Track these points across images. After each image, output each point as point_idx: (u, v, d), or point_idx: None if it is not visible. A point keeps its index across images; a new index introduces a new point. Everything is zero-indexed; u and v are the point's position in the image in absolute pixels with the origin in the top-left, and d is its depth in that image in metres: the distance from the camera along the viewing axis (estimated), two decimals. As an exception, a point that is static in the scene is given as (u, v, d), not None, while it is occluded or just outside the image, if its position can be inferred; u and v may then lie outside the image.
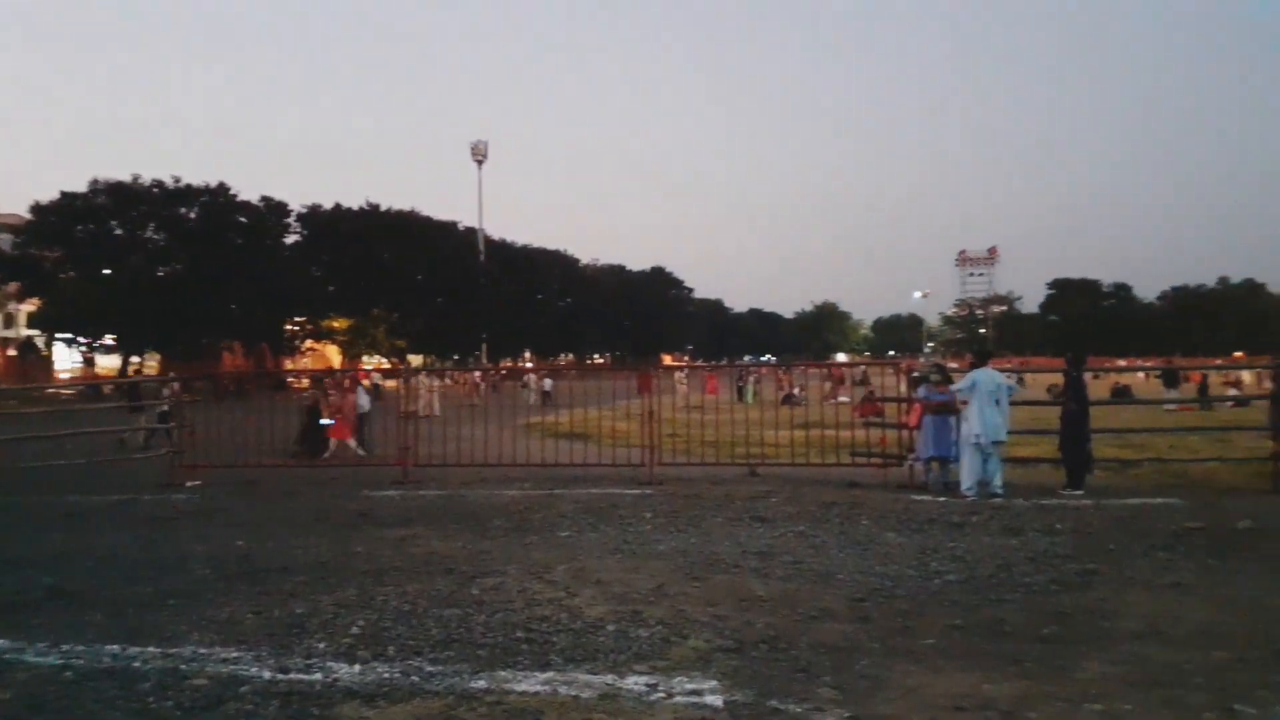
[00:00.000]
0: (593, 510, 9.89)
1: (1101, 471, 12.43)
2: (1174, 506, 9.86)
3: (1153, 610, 5.85)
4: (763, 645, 5.20)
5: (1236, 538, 8.11)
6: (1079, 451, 11.29)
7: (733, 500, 10.40)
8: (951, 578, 6.78)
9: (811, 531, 8.60)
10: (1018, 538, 8.26)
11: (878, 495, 10.86)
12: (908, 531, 8.60)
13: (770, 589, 6.47)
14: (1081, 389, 11.76)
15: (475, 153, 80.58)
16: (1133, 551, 7.64)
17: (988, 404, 10.89)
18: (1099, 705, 4.26)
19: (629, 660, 4.94)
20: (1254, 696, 4.33)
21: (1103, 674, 4.69)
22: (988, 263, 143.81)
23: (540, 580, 6.70)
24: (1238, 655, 4.91)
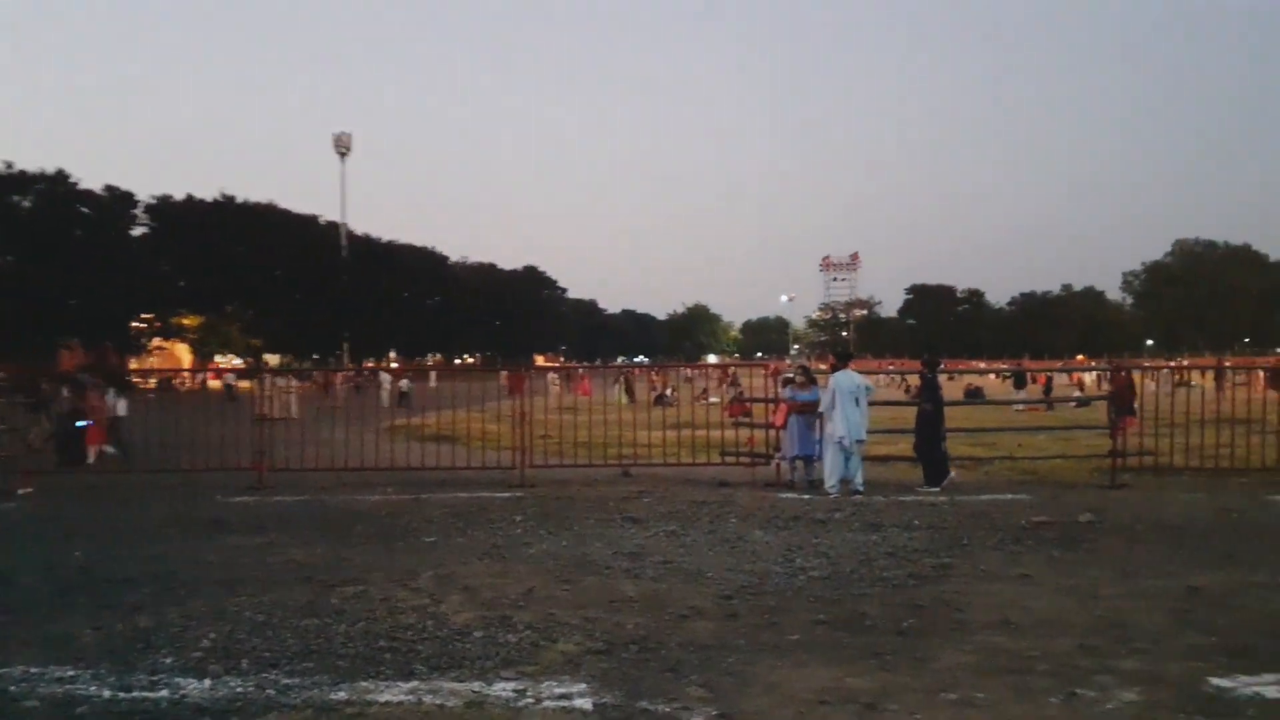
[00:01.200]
0: (461, 514, 9.70)
1: (956, 469, 13.02)
2: (1022, 502, 10.39)
3: (1003, 601, 6.13)
4: (633, 646, 5.18)
5: (1079, 531, 8.60)
6: (935, 450, 11.78)
7: (605, 501, 10.39)
8: (816, 573, 6.94)
9: (682, 531, 8.66)
10: (878, 533, 8.54)
11: (746, 494, 11.05)
12: (774, 529, 8.77)
13: (641, 589, 6.47)
14: (936, 390, 12.28)
15: (338, 145, 78.12)
16: (985, 545, 8.00)
17: (849, 404, 11.24)
18: (954, 694, 4.42)
19: (497, 666, 4.84)
20: (1094, 681, 4.57)
21: (957, 664, 4.88)
22: (850, 268, 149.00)
23: (405, 587, 6.51)
24: (1079, 643, 5.19)
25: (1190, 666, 4.76)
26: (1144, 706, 4.23)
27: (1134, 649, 5.07)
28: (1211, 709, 4.18)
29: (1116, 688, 4.47)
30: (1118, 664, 4.82)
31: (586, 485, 11.72)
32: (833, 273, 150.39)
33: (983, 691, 4.45)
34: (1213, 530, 8.63)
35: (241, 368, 51.15)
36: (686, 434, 14.35)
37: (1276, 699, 4.30)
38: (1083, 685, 4.50)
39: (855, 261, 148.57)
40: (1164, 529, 8.67)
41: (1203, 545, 7.95)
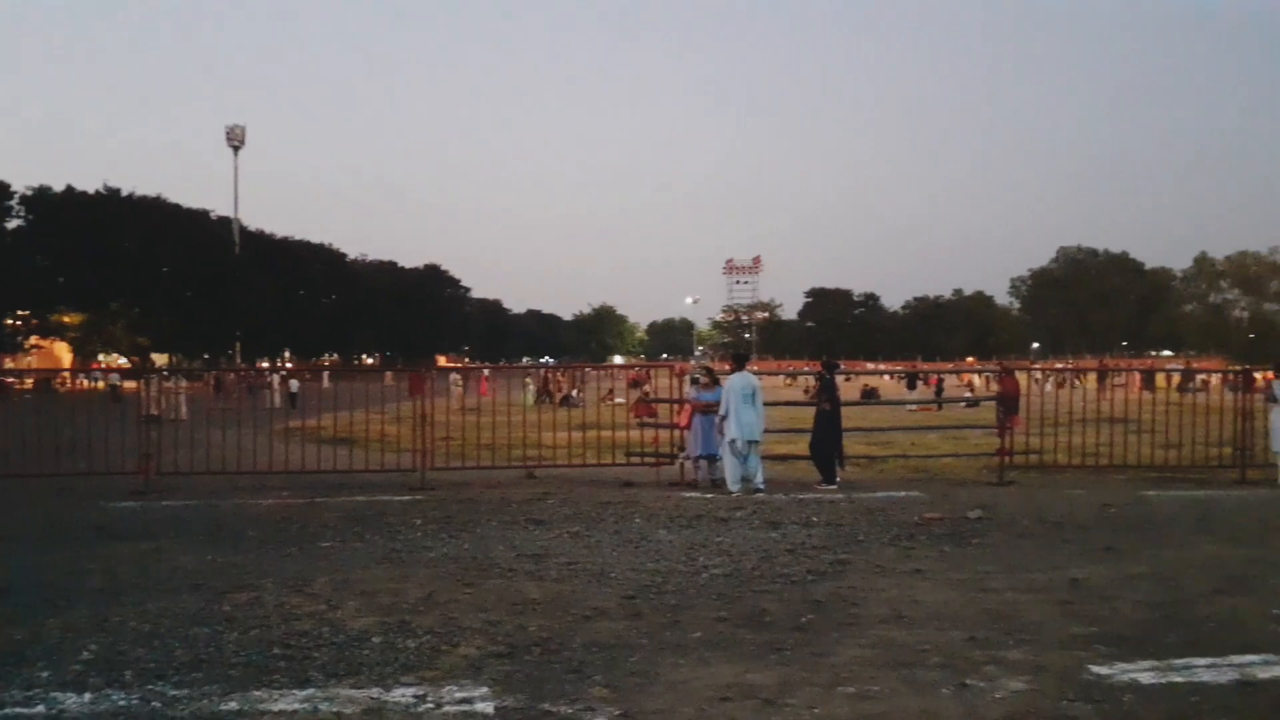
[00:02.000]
0: (358, 518, 9.47)
1: (853, 467, 13.36)
2: (915, 498, 10.72)
3: (897, 595, 6.30)
4: (535, 648, 5.14)
5: (969, 526, 8.91)
6: (832, 449, 12.05)
7: (509, 503, 10.30)
8: (718, 571, 7.01)
9: (586, 532, 8.64)
10: (778, 531, 8.68)
11: (651, 493, 11.11)
12: (678, 528, 8.83)
13: (544, 591, 6.43)
14: (834, 390, 12.56)
15: (231, 137, 75.65)
16: (880, 541, 8.22)
17: (744, 405, 11.42)
18: (851, 688, 4.52)
19: (396, 672, 4.74)
20: (984, 672, 4.74)
21: (854, 657, 4.99)
22: (753, 271, 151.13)
23: (299, 593, 6.31)
24: (969, 635, 5.37)
25: (1072, 656, 4.97)
26: (1029, 695, 4.40)
27: (1020, 640, 5.27)
28: (1091, 696, 4.38)
29: (1004, 677, 4.64)
30: (1005, 654, 5.01)
31: (489, 487, 11.60)
32: (736, 276, 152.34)
33: (878, 684, 4.56)
34: (1093, 525, 9.05)
35: (127, 367, 48.90)
36: (592, 435, 14.34)
37: (1151, 684, 4.53)
38: (972, 676, 4.66)
39: (757, 265, 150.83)
40: (1048, 524, 9.04)
41: (1084, 539, 8.33)
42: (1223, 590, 6.37)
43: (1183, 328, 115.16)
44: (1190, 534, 8.60)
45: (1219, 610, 5.88)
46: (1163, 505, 10.45)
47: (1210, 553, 7.73)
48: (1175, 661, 4.85)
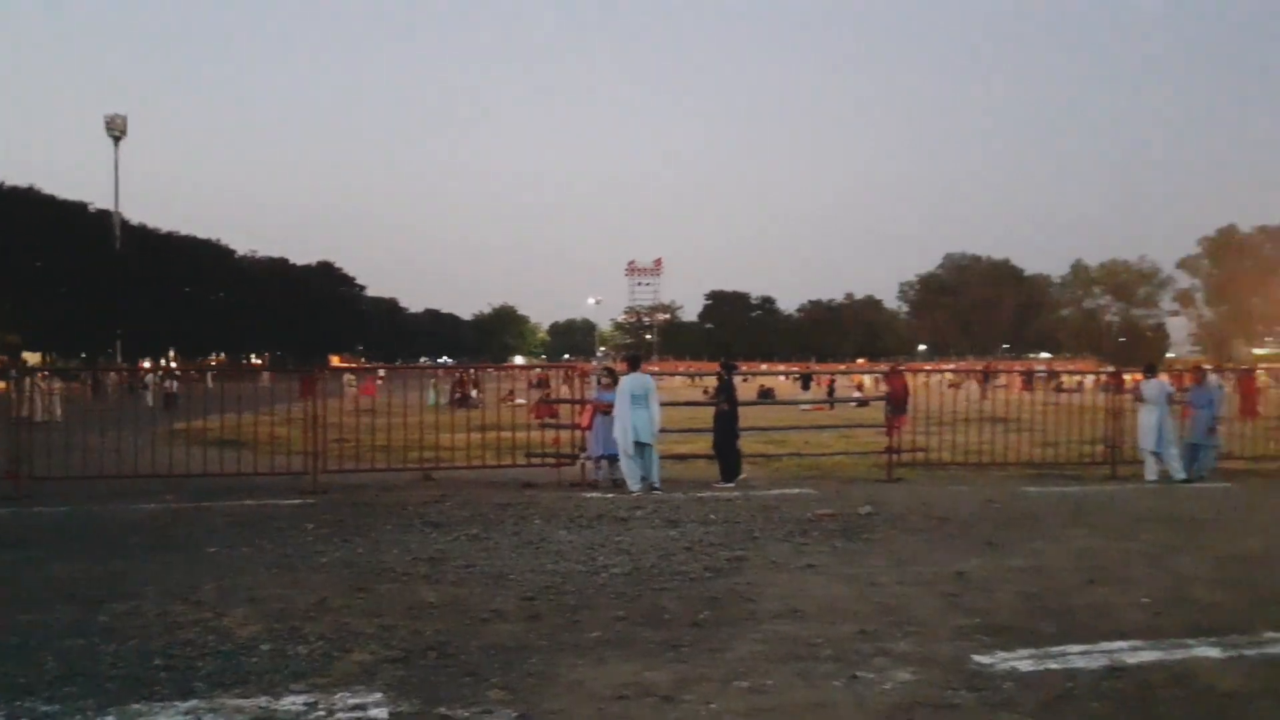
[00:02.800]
0: (247, 523, 9.16)
1: (750, 465, 13.58)
2: (809, 495, 10.97)
3: (790, 590, 6.43)
4: (431, 653, 5.07)
5: (859, 522, 9.16)
6: (730, 447, 12.24)
7: (404, 506, 10.11)
8: (617, 570, 7.03)
9: (485, 534, 8.55)
10: (677, 529, 8.76)
11: (551, 494, 11.07)
12: (578, 528, 8.82)
13: (440, 595, 6.34)
14: (732, 391, 12.76)
15: (111, 127, 72.20)
16: (775, 537, 8.38)
17: (638, 407, 11.50)
18: (746, 682, 4.60)
19: (285, 680, 4.60)
20: (873, 664, 4.88)
21: (749, 652, 5.07)
22: (654, 273, 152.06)
23: (183, 602, 6.07)
24: (860, 628, 5.52)
25: (957, 646, 5.17)
26: (916, 685, 4.55)
27: (908, 632, 5.45)
28: (974, 684, 4.56)
29: (892, 669, 4.79)
30: (893, 646, 5.17)
31: (384, 490, 11.37)
32: (638, 277, 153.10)
33: (772, 678, 4.65)
34: (976, 519, 9.42)
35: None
36: (491, 436, 14.18)
37: (1029, 671, 4.74)
38: (862, 668, 4.80)
39: (658, 267, 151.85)
40: (934, 519, 9.37)
41: (967, 533, 8.66)
42: (1095, 580, 6.72)
43: (1059, 331, 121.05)
44: (1065, 527, 9.03)
45: (1091, 599, 6.20)
46: (1040, 500, 10.94)
47: (1083, 545, 8.13)
48: (1052, 649, 5.09)
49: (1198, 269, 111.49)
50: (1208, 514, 9.90)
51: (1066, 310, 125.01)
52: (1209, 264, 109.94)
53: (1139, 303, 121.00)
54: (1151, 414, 12.99)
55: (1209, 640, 5.24)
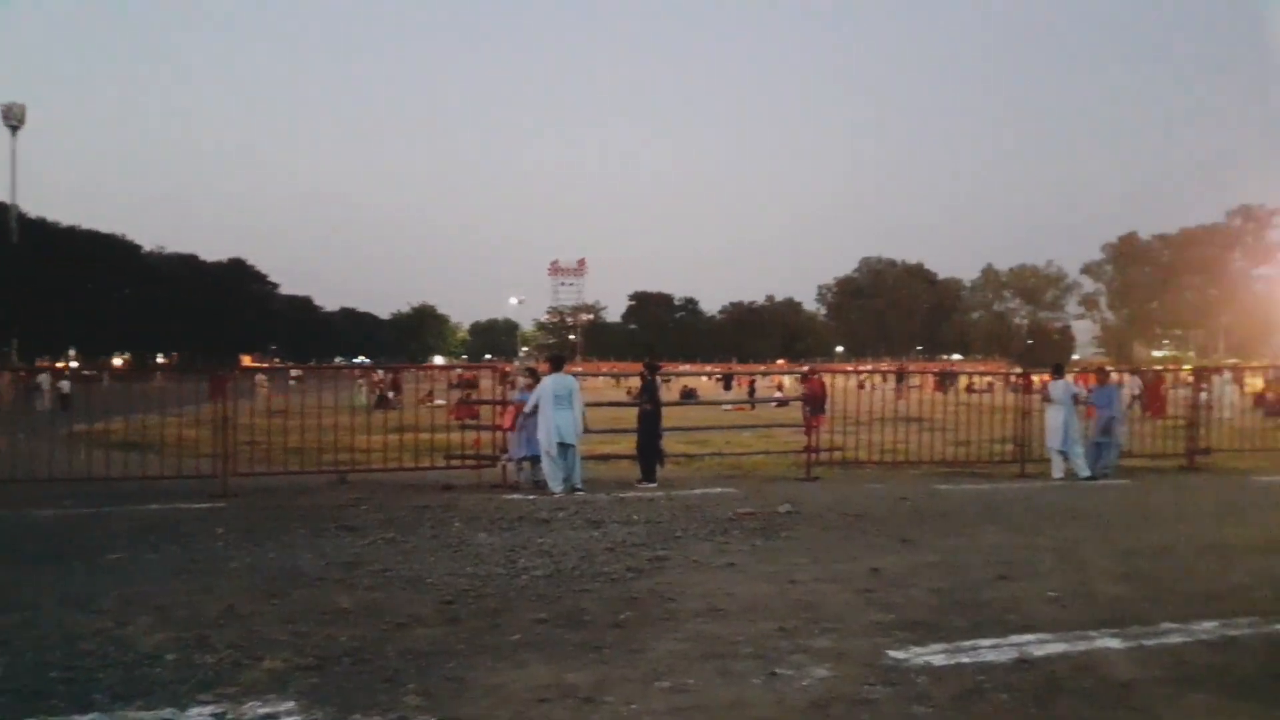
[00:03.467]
0: (152, 528, 8.83)
1: (672, 465, 13.64)
2: (730, 494, 11.06)
3: (711, 589, 6.47)
4: (346, 659, 4.95)
5: (779, 520, 9.27)
6: (652, 448, 12.27)
7: (318, 510, 9.87)
8: (538, 572, 6.98)
9: (402, 537, 8.40)
10: (599, 529, 8.74)
11: (471, 496, 10.94)
12: (498, 530, 8.73)
13: (356, 600, 6.20)
14: (655, 391, 12.80)
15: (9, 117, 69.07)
16: (696, 536, 8.42)
17: (561, 407, 11.45)
18: (667, 682, 4.60)
19: (192, 690, 4.44)
20: (792, 660, 4.94)
21: (670, 651, 5.08)
22: (577, 273, 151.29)
23: (83, 611, 5.81)
24: (779, 625, 5.58)
25: (873, 642, 5.26)
26: (833, 681, 4.61)
27: (825, 628, 5.53)
28: (889, 679, 4.64)
29: (810, 665, 4.85)
30: (811, 643, 5.24)
31: (298, 493, 11.09)
32: (561, 277, 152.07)
33: (693, 677, 4.67)
34: (891, 517, 9.62)
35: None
36: (410, 437, 13.94)
37: (942, 665, 4.85)
38: (781, 665, 4.85)
39: (582, 267, 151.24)
40: (850, 517, 9.54)
41: (883, 530, 8.83)
42: (1005, 575, 6.91)
43: (971, 334, 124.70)
44: (976, 524, 9.28)
45: (1001, 594, 6.37)
46: (953, 497, 11.23)
47: (994, 541, 8.37)
48: (963, 643, 5.22)
49: (1101, 274, 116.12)
50: (1110, 510, 10.29)
51: (977, 313, 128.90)
52: (1111, 270, 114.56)
53: (1046, 306, 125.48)
54: (1058, 414, 13.45)
55: (1111, 632, 5.43)
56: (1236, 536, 8.53)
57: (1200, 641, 5.28)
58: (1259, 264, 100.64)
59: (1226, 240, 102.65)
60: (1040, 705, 4.32)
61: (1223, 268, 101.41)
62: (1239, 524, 9.23)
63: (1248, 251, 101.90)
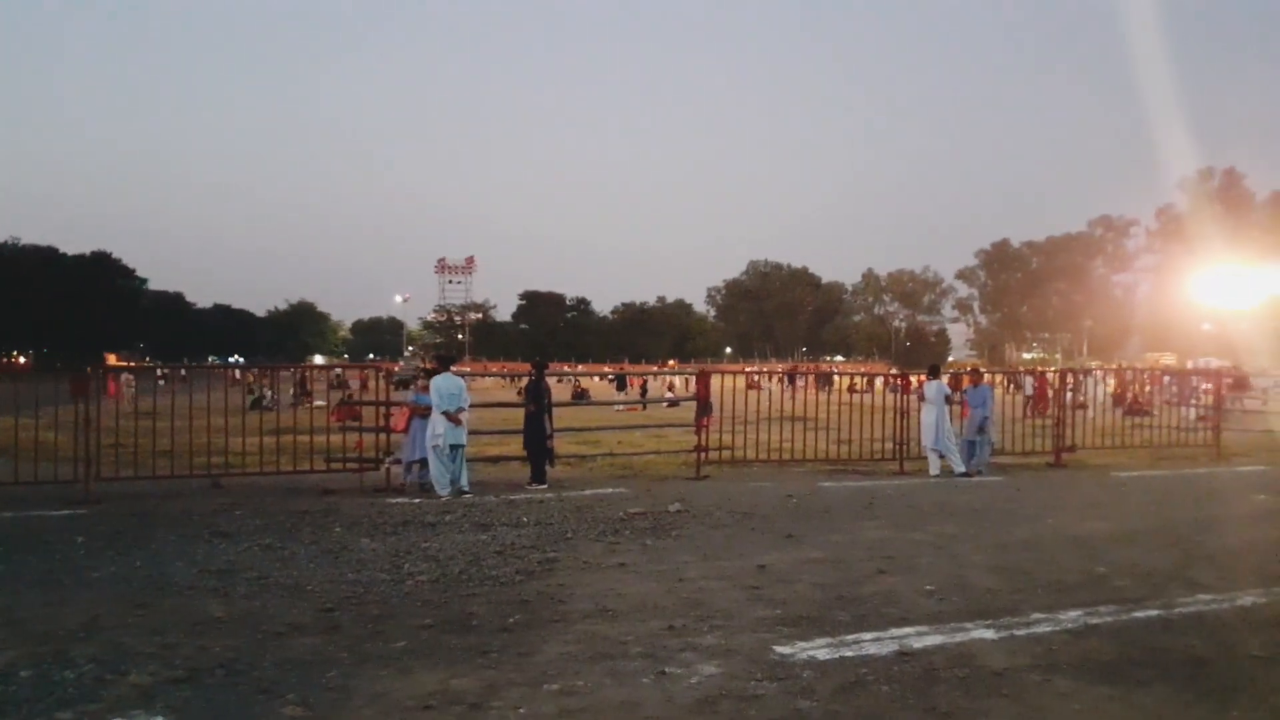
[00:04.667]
0: (5, 537, 8.27)
1: (563, 465, 13.57)
2: (621, 495, 11.07)
3: (602, 590, 6.45)
4: (220, 670, 4.73)
5: (669, 519, 9.32)
6: (540, 448, 12.15)
7: (190, 516, 9.43)
8: (424, 578, 6.82)
9: (280, 543, 8.09)
10: (488, 533, 8.61)
11: (353, 501, 10.63)
12: (382, 535, 8.50)
13: (230, 609, 5.94)
14: (540, 391, 12.63)
15: None
16: (587, 537, 8.39)
17: (451, 408, 11.26)
18: (556, 685, 4.56)
19: (50, 709, 4.17)
20: (681, 658, 4.96)
21: (560, 654, 5.04)
22: (466, 271, 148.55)
23: (-75, 628, 5.39)
24: (668, 624, 5.61)
25: (759, 638, 5.33)
26: (721, 678, 4.65)
27: (714, 626, 5.58)
28: (775, 675, 4.71)
29: (699, 662, 4.88)
30: (700, 640, 5.27)
31: (168, 499, 10.57)
32: (449, 275, 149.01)
33: (582, 679, 4.64)
34: (777, 514, 9.79)
35: None
36: (288, 440, 13.45)
37: (826, 659, 4.95)
38: (670, 663, 4.86)
39: (471, 265, 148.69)
40: (739, 515, 9.67)
41: (770, 528, 8.98)
42: (885, 570, 7.12)
43: (852, 336, 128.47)
44: (858, 520, 9.54)
45: (881, 588, 6.56)
46: (836, 494, 11.51)
47: (875, 536, 8.61)
48: (846, 637, 5.34)
49: (974, 279, 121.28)
50: (983, 505, 10.72)
51: (859, 316, 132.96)
52: (984, 275, 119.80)
53: (923, 309, 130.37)
54: (930, 413, 13.96)
55: (985, 623, 5.65)
56: (1098, 529, 9.00)
57: (1066, 630, 5.54)
58: (1118, 271, 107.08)
59: (1089, 248, 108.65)
60: (919, 696, 4.45)
61: (1086, 274, 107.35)
62: (1100, 517, 9.75)
63: (1108, 259, 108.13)
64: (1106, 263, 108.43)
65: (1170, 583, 6.76)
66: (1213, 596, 6.34)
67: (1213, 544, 8.31)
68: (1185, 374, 29.43)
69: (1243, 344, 50.58)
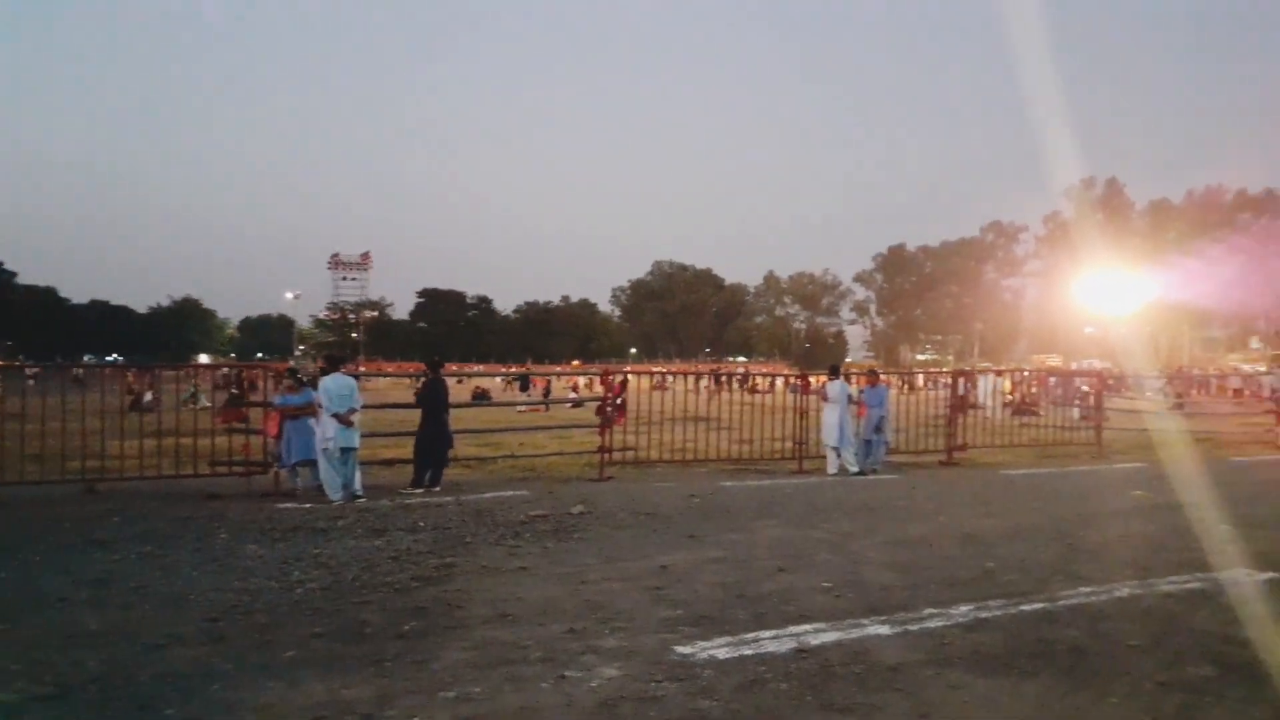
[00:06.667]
0: None
1: (462, 468, 13.35)
2: (522, 497, 10.93)
3: (501, 595, 6.34)
4: (93, 685, 4.48)
5: (571, 521, 9.24)
6: (426, 451, 11.88)
7: (61, 523, 8.91)
8: (314, 585, 6.59)
9: (160, 551, 7.72)
10: (382, 538, 8.38)
11: (240, 506, 10.23)
12: (270, 542, 8.19)
13: (106, 621, 5.63)
14: (431, 391, 12.36)
15: None
16: (486, 541, 8.25)
17: (340, 410, 10.96)
18: (453, 692, 4.45)
19: (-105, 737, 3.86)
20: (581, 662, 4.90)
21: (457, 660, 4.92)
22: (361, 268, 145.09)
23: None
24: (569, 627, 5.54)
25: (661, 638, 5.32)
26: (621, 680, 4.61)
27: (615, 627, 5.54)
28: (676, 675, 4.70)
29: (600, 665, 4.83)
30: (601, 643, 5.23)
31: (38, 506, 9.98)
32: (343, 272, 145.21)
33: (480, 685, 4.54)
34: (680, 514, 9.82)
35: None
36: (170, 443, 12.86)
37: (726, 658, 4.96)
38: (570, 667, 4.80)
39: (366, 261, 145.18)
40: (641, 515, 9.66)
41: (672, 528, 9.00)
42: (784, 568, 7.19)
43: (754, 336, 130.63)
44: (758, 519, 9.63)
45: (780, 586, 6.62)
46: (737, 494, 11.62)
47: (774, 535, 8.71)
48: (746, 636, 5.37)
49: (871, 282, 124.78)
50: (879, 503, 10.97)
51: (760, 317, 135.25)
52: (880, 278, 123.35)
53: (823, 311, 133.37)
54: (833, 412, 14.23)
55: (880, 619, 5.76)
56: (988, 526, 9.30)
57: (957, 624, 5.68)
58: (1008, 275, 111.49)
59: (980, 253, 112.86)
60: (816, 692, 4.49)
61: (977, 278, 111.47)
62: (990, 514, 10.08)
63: (998, 264, 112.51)
64: (997, 267, 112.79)
65: (1054, 576, 7.01)
66: (1093, 589, 6.60)
67: (1094, 539, 8.67)
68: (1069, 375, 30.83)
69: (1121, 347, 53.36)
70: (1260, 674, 4.85)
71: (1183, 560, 7.57)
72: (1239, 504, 10.34)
